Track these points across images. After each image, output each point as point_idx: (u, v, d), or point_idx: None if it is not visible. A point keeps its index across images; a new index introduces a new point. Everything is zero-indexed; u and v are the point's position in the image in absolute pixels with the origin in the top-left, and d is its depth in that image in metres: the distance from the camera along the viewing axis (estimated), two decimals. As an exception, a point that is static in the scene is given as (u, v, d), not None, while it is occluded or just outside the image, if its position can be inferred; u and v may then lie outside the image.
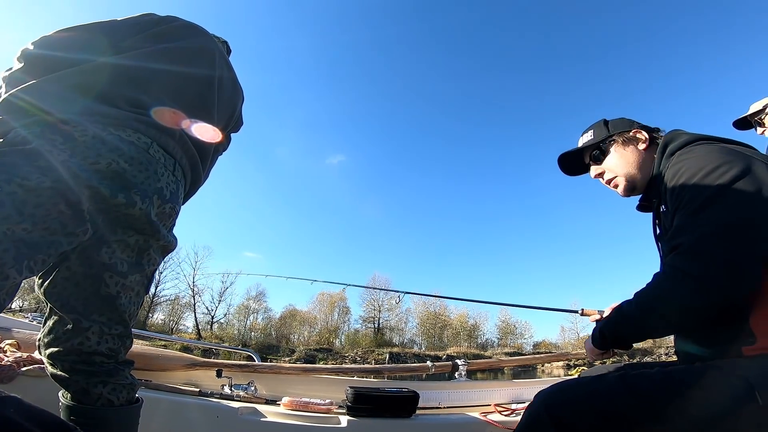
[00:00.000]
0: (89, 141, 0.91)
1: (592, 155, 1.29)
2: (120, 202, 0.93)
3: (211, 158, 1.31)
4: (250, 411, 1.48)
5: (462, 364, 1.93)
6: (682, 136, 1.09)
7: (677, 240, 0.89)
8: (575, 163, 1.35)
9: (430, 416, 1.58)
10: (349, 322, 46.18)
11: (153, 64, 1.11)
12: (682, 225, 0.90)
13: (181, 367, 1.70)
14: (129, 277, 1.00)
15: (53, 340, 0.97)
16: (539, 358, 2.31)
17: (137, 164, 0.97)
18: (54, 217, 0.83)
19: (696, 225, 0.87)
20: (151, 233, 1.02)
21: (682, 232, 0.89)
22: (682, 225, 0.90)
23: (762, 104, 2.24)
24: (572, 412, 0.89)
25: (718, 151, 0.95)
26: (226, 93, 1.32)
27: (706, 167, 0.91)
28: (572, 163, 1.36)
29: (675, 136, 1.12)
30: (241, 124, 1.49)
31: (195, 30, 1.29)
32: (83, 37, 1.08)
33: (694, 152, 1.00)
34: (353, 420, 1.45)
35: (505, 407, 1.67)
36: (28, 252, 0.79)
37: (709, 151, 0.97)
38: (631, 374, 0.93)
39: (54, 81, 0.98)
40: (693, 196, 0.90)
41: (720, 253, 0.82)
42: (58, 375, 0.97)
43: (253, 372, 1.76)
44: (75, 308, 0.95)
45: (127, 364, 1.05)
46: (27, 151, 0.84)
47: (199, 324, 42.64)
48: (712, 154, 0.94)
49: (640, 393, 0.87)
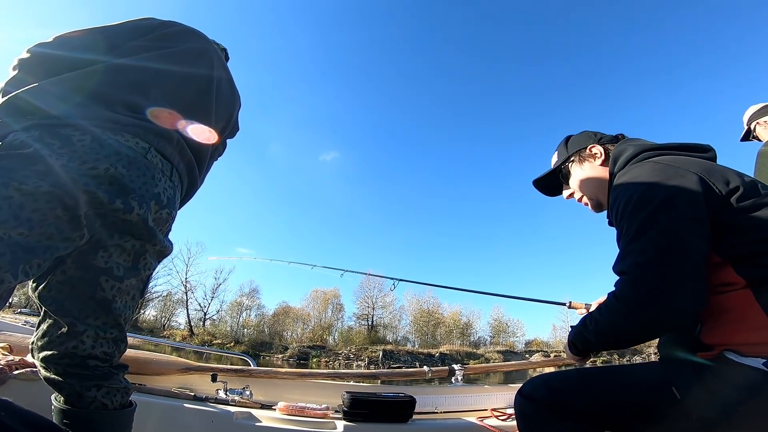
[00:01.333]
0: (87, 145, 0.90)
1: (561, 176, 1.31)
2: (118, 207, 0.92)
3: (207, 164, 1.30)
4: (245, 416, 1.47)
5: (458, 369, 1.94)
6: (627, 150, 1.11)
7: (620, 266, 0.95)
8: (554, 184, 1.36)
9: (426, 421, 1.58)
10: (343, 320, 46.36)
11: (152, 67, 1.11)
12: (623, 253, 0.95)
13: (175, 371, 1.69)
14: (125, 281, 0.99)
15: (47, 344, 0.96)
16: (536, 363, 2.33)
17: (135, 169, 0.97)
18: (51, 222, 0.82)
19: (633, 253, 0.91)
20: (147, 238, 1.02)
21: (623, 259, 0.94)
22: (623, 253, 0.95)
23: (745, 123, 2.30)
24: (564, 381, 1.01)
25: (650, 174, 0.98)
26: (224, 96, 1.32)
27: (635, 195, 0.95)
28: (551, 184, 1.37)
29: (622, 150, 1.14)
30: (237, 129, 1.49)
31: (194, 34, 1.29)
32: (83, 40, 1.08)
33: (628, 175, 1.03)
34: (349, 425, 1.45)
35: (502, 412, 1.68)
36: (24, 256, 0.78)
37: (639, 174, 1.00)
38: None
39: (54, 83, 0.97)
40: (627, 227, 0.94)
41: (652, 281, 0.87)
42: (51, 378, 0.97)
43: (249, 376, 1.75)
44: (70, 312, 0.95)
45: (121, 368, 1.05)
46: (25, 155, 0.83)
47: (192, 321, 42.48)
48: (640, 178, 0.98)
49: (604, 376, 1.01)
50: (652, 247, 0.89)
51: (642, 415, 0.90)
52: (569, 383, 1.00)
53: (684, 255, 0.86)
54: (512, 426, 1.52)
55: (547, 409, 0.97)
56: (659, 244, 0.88)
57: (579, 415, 0.95)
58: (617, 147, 1.16)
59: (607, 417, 0.94)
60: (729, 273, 0.88)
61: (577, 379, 1.00)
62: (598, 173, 1.21)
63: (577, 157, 1.25)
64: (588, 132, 1.28)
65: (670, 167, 0.98)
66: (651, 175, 0.97)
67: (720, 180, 0.94)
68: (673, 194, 0.92)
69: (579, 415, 0.95)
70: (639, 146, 1.10)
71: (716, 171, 0.96)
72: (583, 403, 0.95)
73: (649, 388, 0.91)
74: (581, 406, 0.95)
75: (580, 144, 1.25)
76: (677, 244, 0.87)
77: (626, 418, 0.93)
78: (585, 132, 1.29)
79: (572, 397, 0.96)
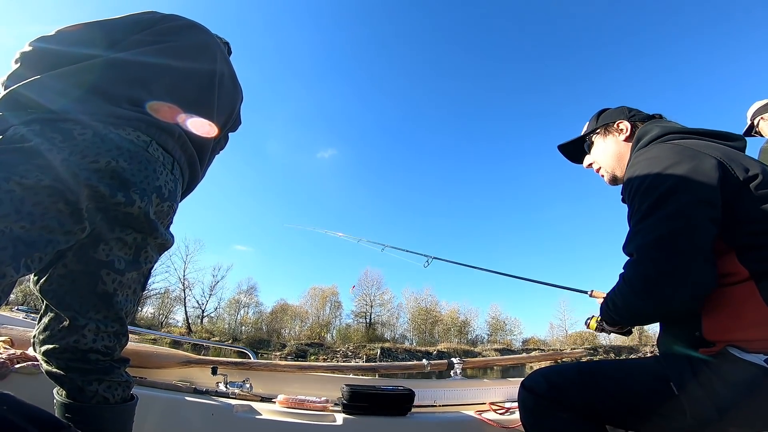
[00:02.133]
0: (89, 139, 0.90)
1: (585, 146, 1.33)
2: (119, 200, 0.92)
3: (209, 157, 1.30)
4: (245, 408, 1.47)
5: (457, 362, 1.95)
6: (653, 130, 1.11)
7: (629, 248, 0.96)
8: (578, 152, 1.38)
9: (425, 414, 1.59)
10: (341, 317, 46.40)
11: (154, 61, 1.10)
12: (632, 233, 0.96)
13: (176, 364, 1.69)
14: (126, 274, 1.00)
15: (48, 338, 0.96)
16: (533, 357, 2.33)
17: (136, 163, 0.97)
18: (52, 216, 0.82)
19: (641, 234, 0.92)
20: (149, 231, 1.02)
21: (632, 240, 0.95)
22: (632, 233, 0.96)
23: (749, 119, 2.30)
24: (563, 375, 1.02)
25: (665, 154, 0.97)
26: (226, 90, 1.32)
27: (651, 174, 0.95)
28: (575, 151, 1.39)
29: (648, 130, 1.14)
30: (239, 123, 1.48)
31: (197, 28, 1.28)
32: (84, 34, 1.07)
33: (644, 154, 1.03)
34: (349, 418, 1.45)
35: (500, 405, 1.68)
36: (25, 250, 0.78)
37: (655, 153, 0.99)
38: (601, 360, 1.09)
39: (55, 78, 0.97)
40: (639, 205, 0.95)
41: (658, 263, 0.88)
42: (53, 372, 0.97)
43: (249, 369, 1.75)
44: (71, 305, 0.95)
45: (122, 362, 1.05)
46: (26, 149, 0.83)
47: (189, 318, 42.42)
48: (657, 159, 0.97)
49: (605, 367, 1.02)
50: (660, 227, 0.89)
51: (638, 409, 0.91)
52: (568, 377, 1.01)
53: (692, 237, 0.86)
54: (510, 420, 1.53)
55: (548, 401, 0.99)
56: (668, 225, 0.88)
57: (577, 408, 0.96)
58: (644, 126, 1.16)
59: (604, 411, 0.95)
60: (732, 261, 0.88)
61: (576, 373, 1.01)
62: (619, 148, 1.22)
63: (603, 129, 1.26)
64: (624, 107, 1.28)
65: (689, 149, 0.97)
66: (668, 155, 0.97)
67: (739, 166, 0.92)
68: (688, 175, 0.91)
69: (577, 408, 0.96)
70: (665, 128, 1.10)
71: (737, 157, 0.95)
72: (580, 397, 0.96)
73: (646, 384, 0.91)
74: (579, 399, 0.96)
75: (610, 118, 1.26)
76: (686, 226, 0.87)
77: (622, 412, 0.94)
78: (621, 107, 1.30)
79: (570, 391, 0.98)
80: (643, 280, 0.89)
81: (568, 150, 1.40)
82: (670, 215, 0.88)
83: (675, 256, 0.86)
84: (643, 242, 0.90)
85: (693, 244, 0.86)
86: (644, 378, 0.93)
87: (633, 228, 0.95)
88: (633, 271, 0.92)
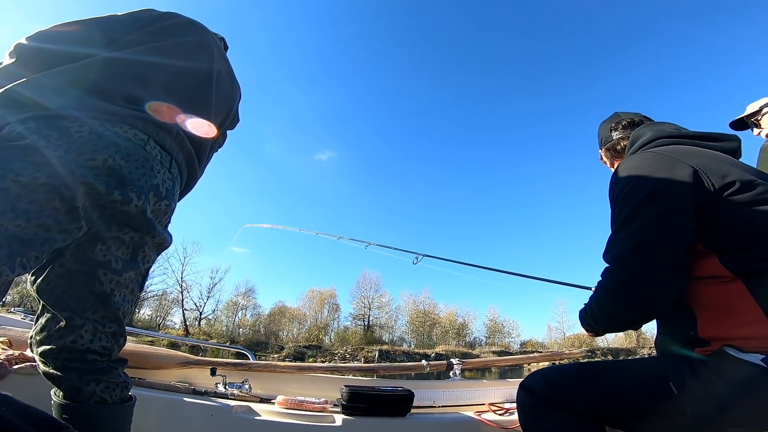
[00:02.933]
0: (85, 137, 0.89)
1: None
2: (116, 198, 0.92)
3: (207, 155, 1.30)
4: (244, 409, 1.47)
5: (456, 363, 1.94)
6: (645, 134, 1.16)
7: (605, 257, 1.01)
8: None
9: (425, 415, 1.58)
10: (339, 320, 46.28)
11: (151, 59, 1.10)
12: (610, 242, 1.02)
13: (174, 365, 1.69)
14: (123, 274, 0.99)
15: (46, 338, 0.96)
16: (532, 357, 2.33)
17: (133, 161, 0.96)
18: (48, 214, 0.81)
19: (616, 243, 0.98)
20: (146, 230, 1.02)
21: (609, 249, 1.01)
22: (610, 242, 1.02)
23: (759, 105, 2.24)
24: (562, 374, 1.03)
25: (647, 163, 1.02)
26: (223, 88, 1.32)
27: (630, 183, 1.00)
28: None
29: (640, 134, 1.19)
30: (238, 121, 1.48)
31: (194, 26, 1.28)
32: (81, 32, 1.07)
33: (630, 161, 1.07)
34: (348, 419, 1.45)
35: (499, 406, 1.68)
36: (21, 249, 0.77)
37: (639, 162, 1.04)
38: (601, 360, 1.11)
39: (51, 76, 0.96)
40: (618, 214, 1.00)
41: (630, 270, 0.93)
42: (50, 373, 0.96)
43: (248, 370, 1.75)
44: (68, 306, 0.94)
45: (120, 362, 1.04)
46: (22, 147, 0.82)
47: (187, 320, 42.25)
48: (639, 168, 1.02)
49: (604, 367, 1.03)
50: (633, 237, 0.94)
51: (637, 409, 0.91)
52: (567, 377, 1.01)
53: (661, 248, 0.91)
54: (510, 420, 1.53)
55: (546, 401, 0.99)
56: (639, 237, 0.93)
57: (576, 409, 0.96)
58: (638, 130, 1.21)
59: (603, 411, 0.95)
60: (716, 265, 0.90)
61: (575, 373, 1.02)
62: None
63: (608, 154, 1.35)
64: (608, 123, 1.36)
65: (669, 158, 1.00)
66: (647, 164, 1.01)
67: (716, 173, 0.95)
68: (662, 185, 0.95)
69: (576, 409, 0.96)
70: (657, 132, 1.14)
71: (716, 164, 0.98)
72: (579, 397, 0.96)
73: (645, 384, 0.92)
74: (578, 399, 0.96)
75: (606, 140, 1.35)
76: (655, 238, 0.92)
77: (622, 412, 0.94)
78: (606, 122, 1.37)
79: (569, 391, 0.98)
80: (617, 286, 0.95)
81: None
82: (644, 225, 0.93)
83: (645, 263, 0.91)
84: (619, 251, 0.96)
85: (663, 252, 0.91)
86: (645, 377, 0.93)
87: (611, 238, 1.01)
88: (608, 279, 0.99)
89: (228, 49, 1.47)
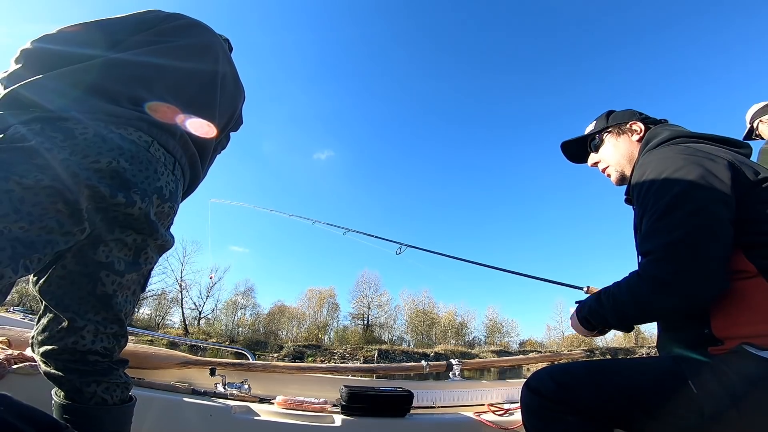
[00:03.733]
0: (90, 139, 0.89)
1: (591, 145, 1.34)
2: (120, 201, 0.92)
3: (210, 156, 1.30)
4: (243, 410, 1.47)
5: (456, 363, 1.95)
6: (662, 133, 1.13)
7: (646, 246, 0.94)
8: (579, 152, 1.40)
9: (424, 416, 1.59)
10: (338, 319, 46.30)
11: (156, 61, 1.10)
12: (650, 231, 0.94)
13: (174, 365, 1.69)
14: (126, 276, 0.99)
15: (47, 339, 0.96)
16: (531, 358, 2.34)
17: (137, 163, 0.96)
18: (51, 216, 0.81)
19: (661, 231, 0.91)
20: (149, 232, 1.02)
21: (650, 238, 0.93)
22: (650, 231, 0.94)
23: (750, 115, 2.30)
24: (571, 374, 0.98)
25: (678, 155, 0.98)
26: (228, 91, 1.32)
27: (664, 173, 0.96)
28: (576, 151, 1.41)
29: (657, 132, 1.16)
30: (241, 123, 1.48)
31: (200, 28, 1.28)
32: (86, 34, 1.07)
33: (656, 154, 1.03)
34: (347, 419, 1.45)
35: (499, 407, 1.69)
36: (24, 251, 0.78)
37: (669, 154, 1.00)
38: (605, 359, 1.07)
39: (55, 78, 0.96)
40: (654, 203, 0.94)
41: (685, 259, 0.87)
42: (51, 373, 0.96)
43: (247, 371, 1.75)
44: (70, 307, 0.94)
45: (121, 363, 1.05)
46: (26, 149, 0.82)
47: (186, 319, 42.24)
48: (671, 158, 0.98)
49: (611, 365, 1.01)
50: (683, 224, 0.88)
51: (651, 410, 0.87)
52: (576, 377, 0.96)
53: (716, 235, 0.87)
54: (509, 421, 1.54)
55: (554, 403, 0.94)
56: (691, 222, 0.88)
57: (586, 410, 0.92)
58: (654, 129, 1.19)
59: (615, 412, 0.91)
60: (741, 259, 0.88)
61: (585, 372, 0.97)
62: (631, 148, 1.23)
63: (616, 129, 1.27)
64: (633, 110, 1.31)
65: (701, 151, 0.98)
66: (681, 157, 0.98)
67: (749, 168, 0.94)
68: (703, 175, 0.92)
69: (586, 410, 0.92)
70: (675, 131, 1.12)
71: (745, 161, 0.98)
72: (590, 397, 0.92)
73: (660, 382, 0.88)
74: (589, 400, 0.92)
75: (622, 118, 1.28)
76: (709, 224, 0.87)
77: (634, 413, 0.90)
78: (630, 110, 1.32)
79: (579, 391, 0.93)
80: (671, 275, 0.87)
81: (570, 150, 1.42)
82: (692, 212, 0.88)
83: (699, 254, 0.86)
84: (668, 240, 0.89)
85: (717, 242, 0.86)
86: (660, 376, 0.90)
87: (651, 226, 0.94)
88: (655, 269, 0.90)
89: (233, 50, 1.47)
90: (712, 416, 0.82)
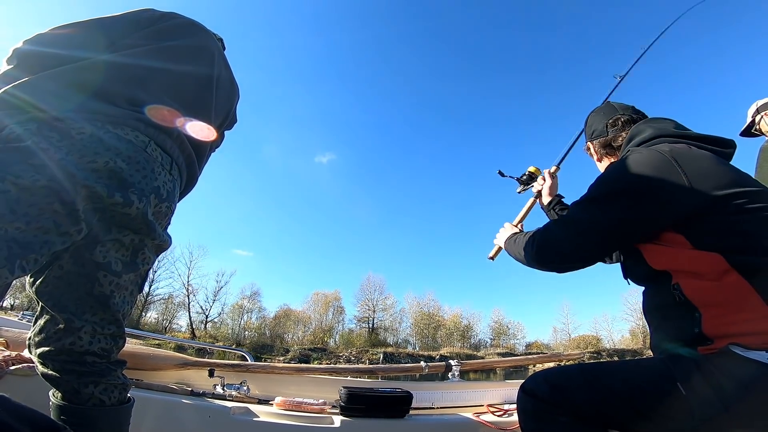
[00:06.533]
0: (86, 139, 0.89)
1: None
2: (117, 201, 0.92)
3: (206, 156, 1.30)
4: (242, 411, 1.47)
5: (455, 364, 1.94)
6: (645, 131, 1.15)
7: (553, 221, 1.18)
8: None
9: (423, 416, 1.58)
10: (344, 322, 46.30)
11: (152, 62, 1.10)
12: (566, 214, 1.14)
13: (172, 366, 1.69)
14: (123, 276, 0.99)
15: (44, 340, 0.96)
16: (531, 359, 2.32)
17: (135, 163, 0.96)
18: (48, 217, 0.81)
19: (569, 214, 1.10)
20: (146, 232, 1.01)
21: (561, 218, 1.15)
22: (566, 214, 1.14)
23: (754, 109, 2.27)
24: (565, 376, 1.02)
25: (644, 161, 1.02)
26: (223, 92, 1.32)
27: (617, 173, 1.05)
28: None
29: (640, 130, 1.18)
30: (235, 121, 1.48)
31: (195, 28, 1.28)
32: (80, 34, 1.06)
33: (631, 156, 1.06)
34: (346, 420, 1.45)
35: (498, 408, 1.68)
36: (20, 251, 0.77)
37: (637, 159, 1.04)
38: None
39: (50, 78, 0.96)
40: (588, 191, 1.08)
41: (558, 238, 1.10)
42: (48, 375, 0.96)
43: (246, 372, 1.75)
44: (67, 307, 0.94)
45: (119, 364, 1.04)
46: (22, 149, 0.82)
47: (193, 323, 42.40)
48: (634, 164, 1.02)
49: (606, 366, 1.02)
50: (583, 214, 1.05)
51: (644, 411, 0.88)
52: (571, 379, 0.98)
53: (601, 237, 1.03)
54: (508, 422, 1.53)
55: (549, 405, 0.95)
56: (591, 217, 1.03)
57: (580, 412, 0.93)
58: (637, 126, 1.20)
59: (608, 413, 0.92)
60: (720, 261, 0.88)
61: (579, 374, 0.98)
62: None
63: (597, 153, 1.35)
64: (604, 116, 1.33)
65: (665, 161, 0.99)
66: (642, 162, 1.01)
67: (726, 175, 0.95)
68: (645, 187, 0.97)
69: (580, 412, 0.93)
70: (658, 129, 1.13)
71: (721, 168, 0.97)
72: (584, 400, 0.93)
73: (652, 384, 0.89)
74: (583, 402, 0.93)
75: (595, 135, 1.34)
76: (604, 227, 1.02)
77: (627, 414, 0.91)
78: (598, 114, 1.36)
79: (574, 394, 0.94)
80: (542, 246, 1.12)
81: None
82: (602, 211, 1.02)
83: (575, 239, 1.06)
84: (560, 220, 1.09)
85: (596, 243, 1.04)
86: (651, 378, 0.90)
87: (570, 206, 1.12)
88: (541, 235, 1.14)
89: (225, 49, 1.47)
90: (702, 418, 0.82)
